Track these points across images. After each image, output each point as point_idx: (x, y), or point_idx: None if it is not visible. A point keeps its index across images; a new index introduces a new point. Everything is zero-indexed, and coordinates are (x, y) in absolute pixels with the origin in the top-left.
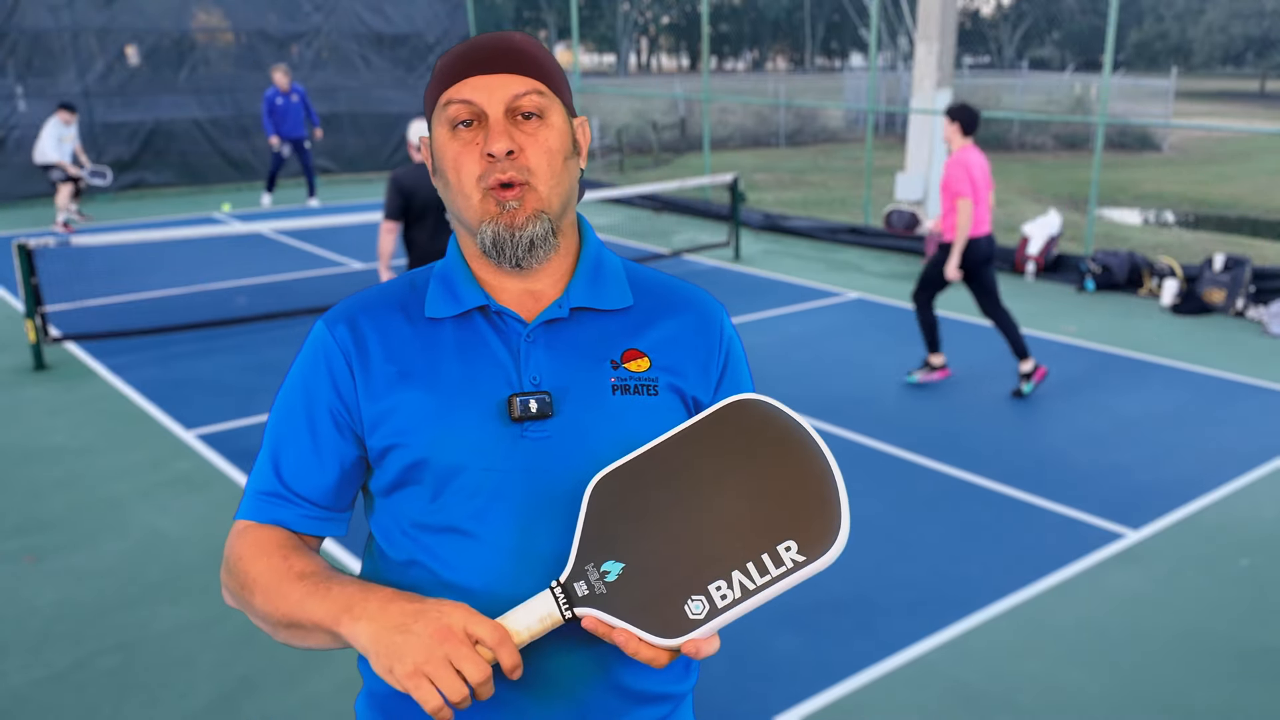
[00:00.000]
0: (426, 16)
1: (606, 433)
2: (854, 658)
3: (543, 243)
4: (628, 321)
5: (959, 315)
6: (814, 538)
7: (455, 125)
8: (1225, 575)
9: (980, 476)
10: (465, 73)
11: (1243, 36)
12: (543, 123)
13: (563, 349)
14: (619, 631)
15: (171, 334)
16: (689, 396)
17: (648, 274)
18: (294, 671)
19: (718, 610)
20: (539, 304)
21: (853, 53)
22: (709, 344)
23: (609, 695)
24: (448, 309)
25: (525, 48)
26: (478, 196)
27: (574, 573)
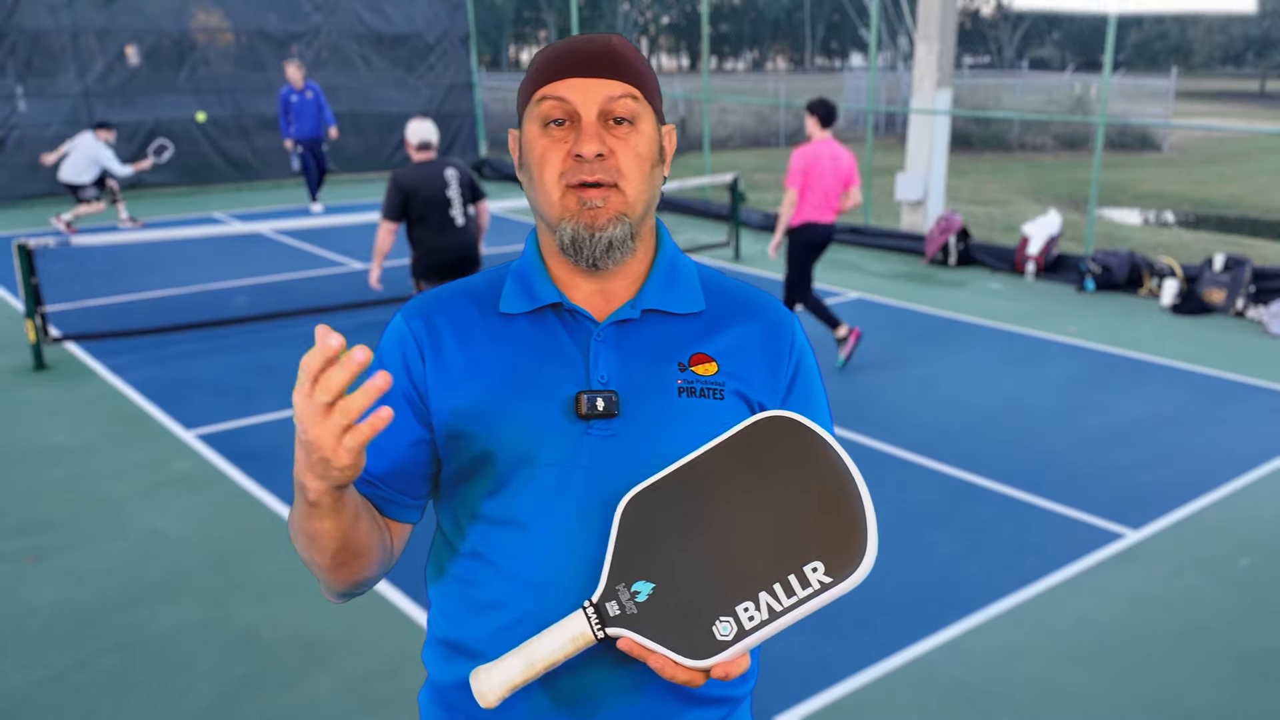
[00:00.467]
0: (426, 16)
1: (670, 434)
2: (854, 658)
3: (621, 245)
4: (698, 326)
5: (959, 315)
6: (841, 559)
7: (547, 123)
8: (1225, 575)
9: (980, 476)
10: (563, 72)
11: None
12: (634, 128)
13: (632, 349)
14: (653, 655)
15: (171, 334)
16: (755, 403)
17: (722, 280)
18: (294, 671)
19: (746, 632)
20: (611, 304)
21: (853, 53)
22: (778, 352)
23: (667, 696)
24: (522, 305)
25: (623, 52)
26: (558, 193)
27: (606, 592)
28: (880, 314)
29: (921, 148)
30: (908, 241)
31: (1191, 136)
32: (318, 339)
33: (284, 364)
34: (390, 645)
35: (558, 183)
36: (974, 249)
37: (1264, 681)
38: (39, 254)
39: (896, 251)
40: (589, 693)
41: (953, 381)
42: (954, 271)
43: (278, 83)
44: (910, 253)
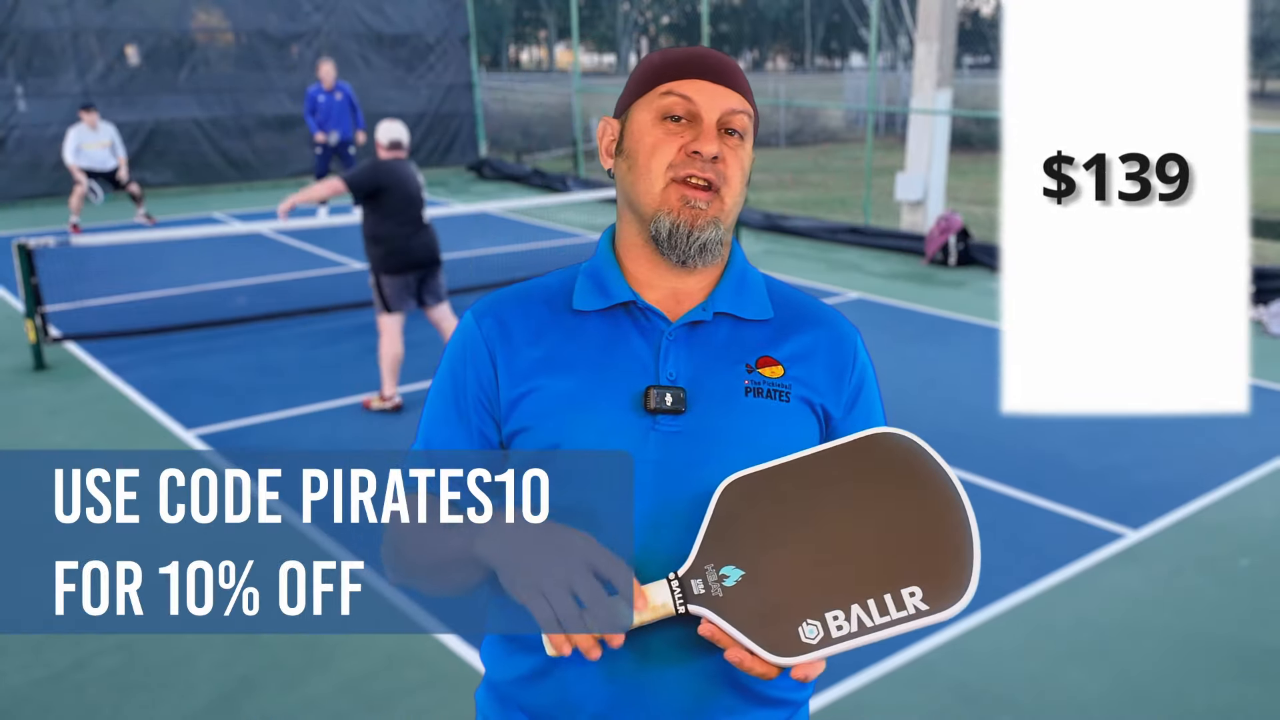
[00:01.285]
0: (426, 16)
1: (736, 433)
2: (854, 657)
3: (712, 248)
4: (766, 332)
5: (959, 315)
6: (941, 589)
7: (665, 117)
8: (1225, 575)
9: (980, 476)
10: (692, 74)
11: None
12: (742, 143)
13: (701, 349)
14: (731, 641)
15: (171, 334)
16: (819, 408)
17: (788, 290)
18: (294, 671)
19: (831, 640)
20: (682, 305)
21: (853, 53)
22: (842, 362)
23: (730, 693)
24: (595, 303)
25: (742, 74)
26: (661, 184)
27: (693, 569)
28: (880, 314)
29: (921, 148)
30: (908, 241)
31: None
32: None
33: (284, 364)
34: (390, 645)
35: (664, 174)
36: (974, 249)
37: (1264, 681)
38: (39, 254)
39: (896, 251)
40: (653, 685)
41: (953, 381)
42: (954, 271)
43: (278, 83)
44: (910, 253)
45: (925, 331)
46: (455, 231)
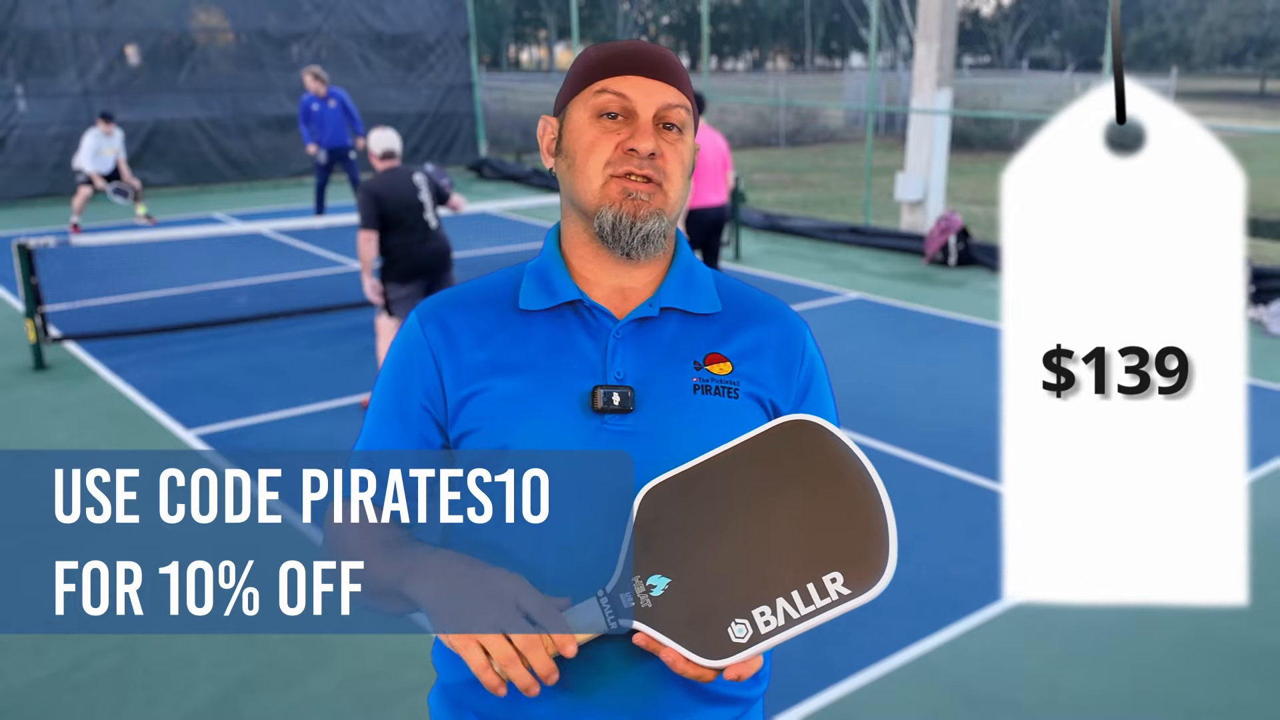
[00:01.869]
0: (426, 16)
1: (685, 431)
2: (854, 658)
3: (655, 240)
4: (714, 328)
5: (959, 315)
6: (861, 571)
7: (601, 114)
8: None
9: (980, 476)
10: (626, 70)
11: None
12: (680, 137)
13: (648, 347)
14: (666, 650)
15: (171, 334)
16: (768, 404)
17: (736, 285)
18: (294, 671)
19: (760, 636)
20: (629, 303)
21: (853, 53)
22: (791, 356)
23: (680, 692)
24: (541, 302)
25: (679, 66)
26: (600, 180)
27: (620, 583)
28: (880, 314)
29: (921, 148)
30: (908, 241)
31: None
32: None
33: (284, 364)
34: (390, 645)
35: (602, 170)
36: (974, 249)
37: (1264, 681)
38: (39, 254)
39: (896, 251)
40: (603, 688)
41: (953, 381)
42: (954, 271)
43: (278, 83)
44: (910, 253)
45: (925, 331)
46: (455, 231)
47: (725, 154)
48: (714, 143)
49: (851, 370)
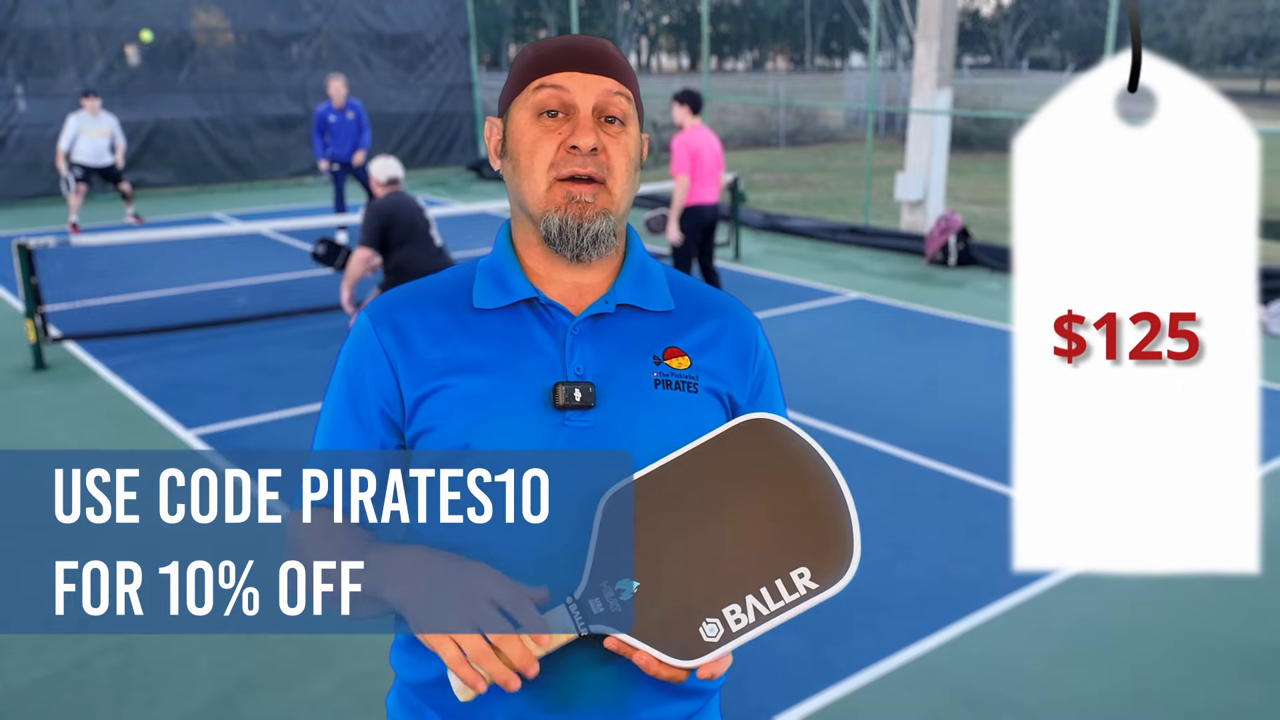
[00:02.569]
0: (426, 16)
1: (646, 425)
2: (854, 658)
3: (605, 240)
4: (669, 323)
5: (959, 315)
6: (827, 565)
7: (541, 113)
8: (1226, 575)
9: (980, 476)
10: (563, 65)
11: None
12: (624, 129)
13: (607, 343)
14: (639, 653)
15: (171, 334)
16: (726, 397)
17: (688, 281)
18: (294, 671)
19: (732, 634)
20: (585, 299)
21: (853, 53)
22: (745, 350)
23: (648, 687)
24: (496, 300)
25: (618, 56)
26: (545, 185)
27: (589, 589)
28: (880, 314)
29: (921, 148)
30: (908, 241)
31: None
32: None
33: (284, 364)
34: (390, 645)
35: (546, 174)
36: (974, 249)
37: (1264, 681)
38: (39, 254)
39: (896, 251)
40: (570, 686)
41: (953, 381)
42: (954, 271)
43: (278, 83)
44: (910, 253)
45: (925, 331)
46: (455, 231)
47: (720, 153)
48: (710, 143)
49: (851, 370)
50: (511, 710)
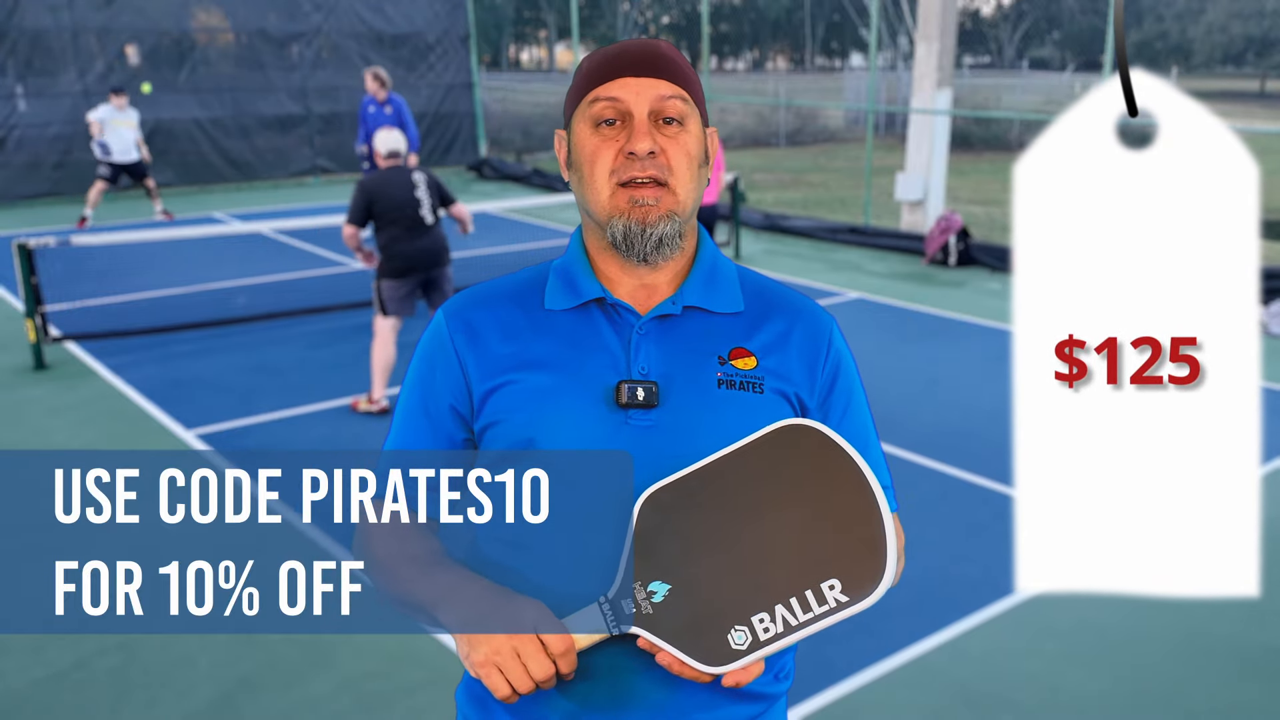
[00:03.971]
0: (426, 16)
1: (709, 425)
2: (854, 658)
3: (670, 242)
4: (738, 324)
5: (959, 315)
6: (859, 579)
7: (599, 123)
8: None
9: (980, 476)
10: (614, 74)
11: (1243, 36)
12: (683, 128)
13: (672, 343)
14: (664, 653)
15: (171, 334)
16: (794, 398)
17: (761, 280)
18: (294, 671)
19: (760, 643)
20: (653, 300)
21: (853, 53)
22: (816, 352)
23: (703, 692)
24: (566, 301)
25: (672, 55)
26: (608, 192)
27: (621, 589)
28: (880, 314)
29: (921, 148)
30: (908, 241)
31: None
32: None
33: (284, 364)
34: (390, 645)
35: (609, 180)
36: (974, 249)
37: (1264, 681)
38: (39, 254)
39: (896, 251)
40: (624, 687)
41: (953, 381)
42: (954, 271)
43: (278, 83)
44: (910, 253)
45: (925, 331)
46: (455, 231)
47: (719, 155)
48: None
49: None
50: (566, 709)
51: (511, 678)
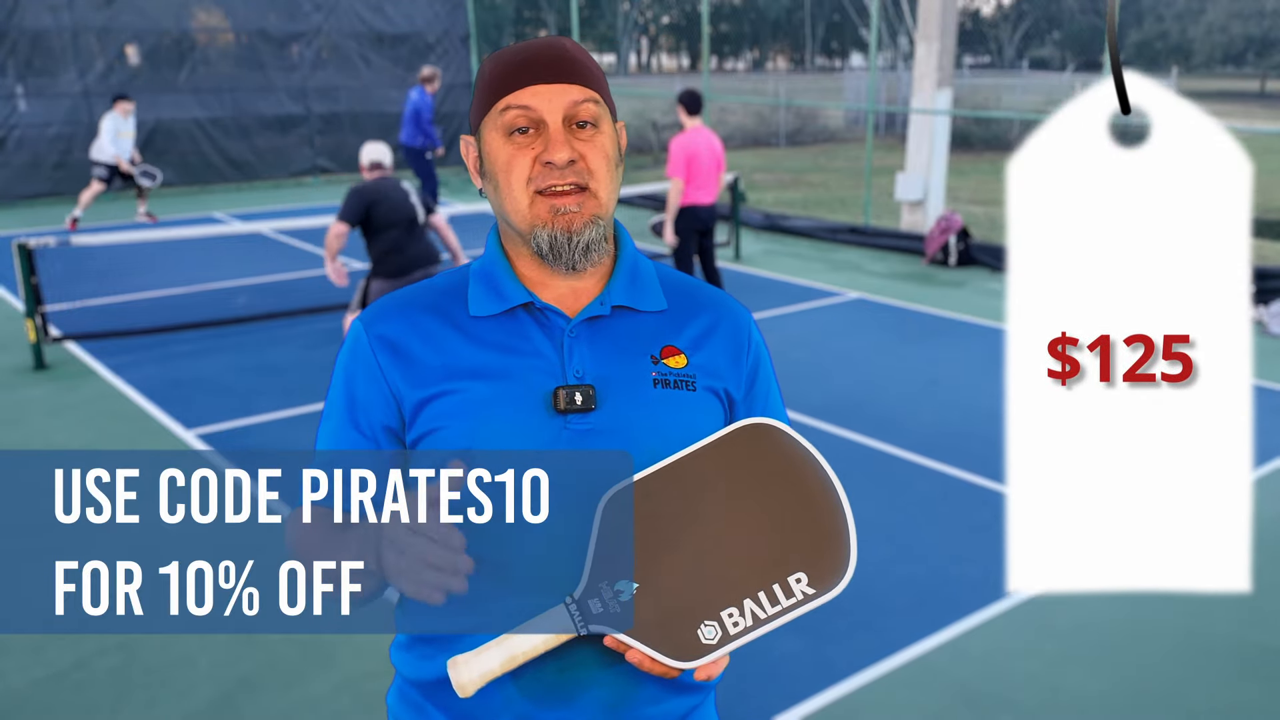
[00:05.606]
0: (426, 16)
1: (647, 426)
2: (854, 658)
3: (596, 246)
4: (664, 322)
5: (959, 315)
6: (824, 571)
7: (511, 132)
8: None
9: (980, 476)
10: (523, 81)
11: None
12: (597, 131)
13: (604, 344)
14: (633, 650)
15: (171, 334)
16: (723, 393)
17: (678, 277)
18: (294, 671)
19: (730, 637)
20: (580, 301)
21: (853, 53)
22: (738, 343)
23: (651, 684)
24: (492, 307)
25: (579, 56)
26: (526, 201)
27: (588, 589)
28: (880, 314)
29: (921, 148)
30: (908, 241)
31: None
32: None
33: (284, 364)
34: (389, 644)
35: (526, 189)
36: (974, 249)
37: (1264, 681)
38: (39, 254)
39: (896, 251)
40: (570, 681)
41: (953, 381)
42: (954, 271)
43: (278, 83)
44: (910, 253)
45: (925, 331)
46: (457, 231)
47: (720, 154)
48: (709, 143)
49: (851, 370)
50: (515, 708)
51: (429, 579)
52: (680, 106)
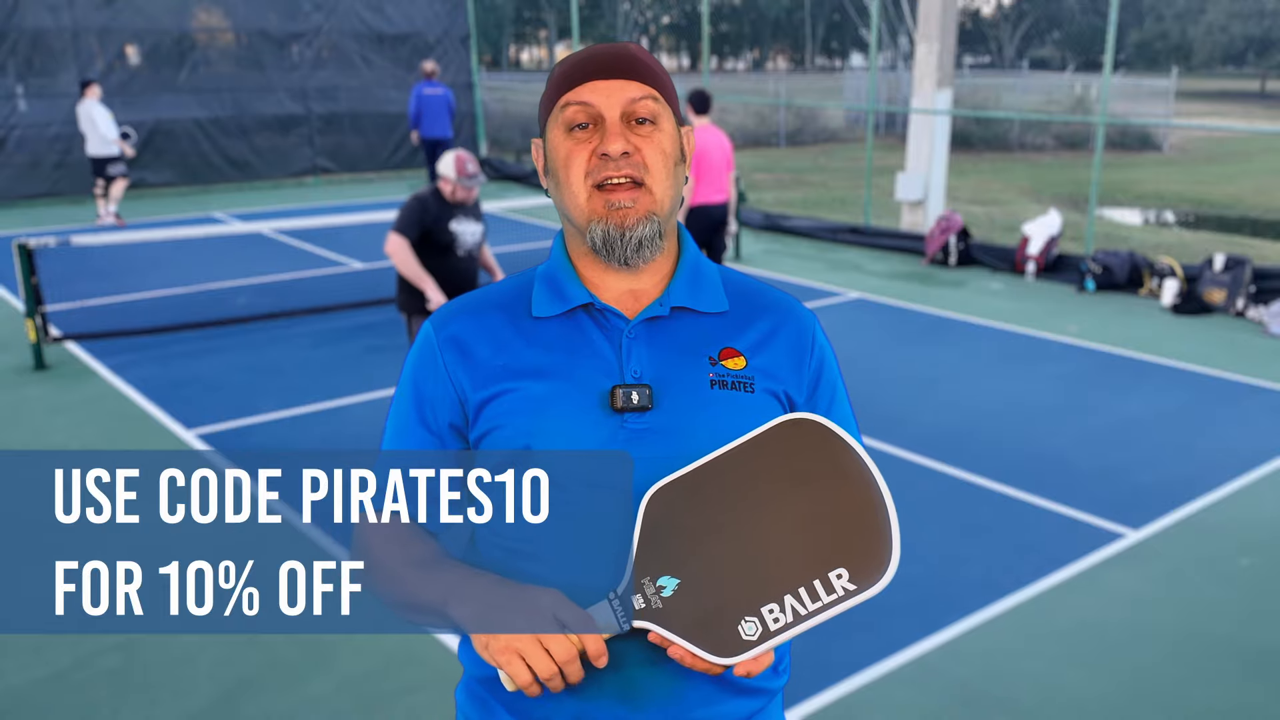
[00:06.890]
0: (426, 16)
1: (703, 426)
2: (854, 657)
3: (650, 243)
4: (724, 324)
5: (959, 315)
6: (865, 567)
7: (572, 127)
8: (1225, 575)
9: (980, 476)
10: (584, 78)
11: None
12: (656, 128)
13: (663, 345)
14: (675, 646)
15: (171, 334)
16: (783, 395)
17: (743, 280)
18: (294, 671)
19: (770, 633)
20: (640, 303)
21: (853, 52)
22: (801, 349)
23: (707, 684)
24: (554, 308)
25: (641, 57)
26: (584, 195)
27: (630, 585)
28: (880, 314)
29: (922, 148)
30: (908, 241)
31: (1192, 136)
32: None
33: (284, 364)
34: (390, 645)
35: (584, 183)
36: (974, 249)
37: (1264, 681)
38: (39, 254)
39: (896, 251)
40: (628, 683)
41: (953, 381)
42: (954, 271)
43: (278, 83)
44: (910, 253)
45: (925, 331)
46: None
47: (729, 153)
48: (719, 141)
49: (851, 370)
50: (572, 706)
51: (534, 663)
52: (689, 106)
